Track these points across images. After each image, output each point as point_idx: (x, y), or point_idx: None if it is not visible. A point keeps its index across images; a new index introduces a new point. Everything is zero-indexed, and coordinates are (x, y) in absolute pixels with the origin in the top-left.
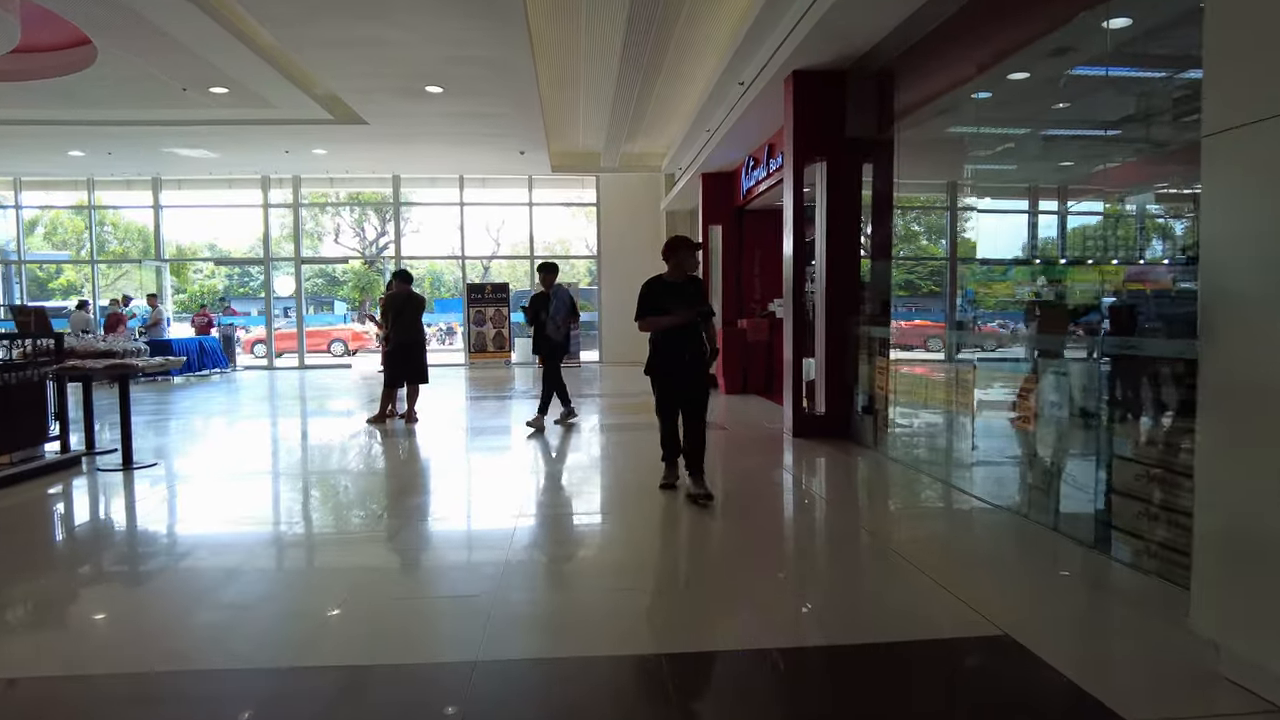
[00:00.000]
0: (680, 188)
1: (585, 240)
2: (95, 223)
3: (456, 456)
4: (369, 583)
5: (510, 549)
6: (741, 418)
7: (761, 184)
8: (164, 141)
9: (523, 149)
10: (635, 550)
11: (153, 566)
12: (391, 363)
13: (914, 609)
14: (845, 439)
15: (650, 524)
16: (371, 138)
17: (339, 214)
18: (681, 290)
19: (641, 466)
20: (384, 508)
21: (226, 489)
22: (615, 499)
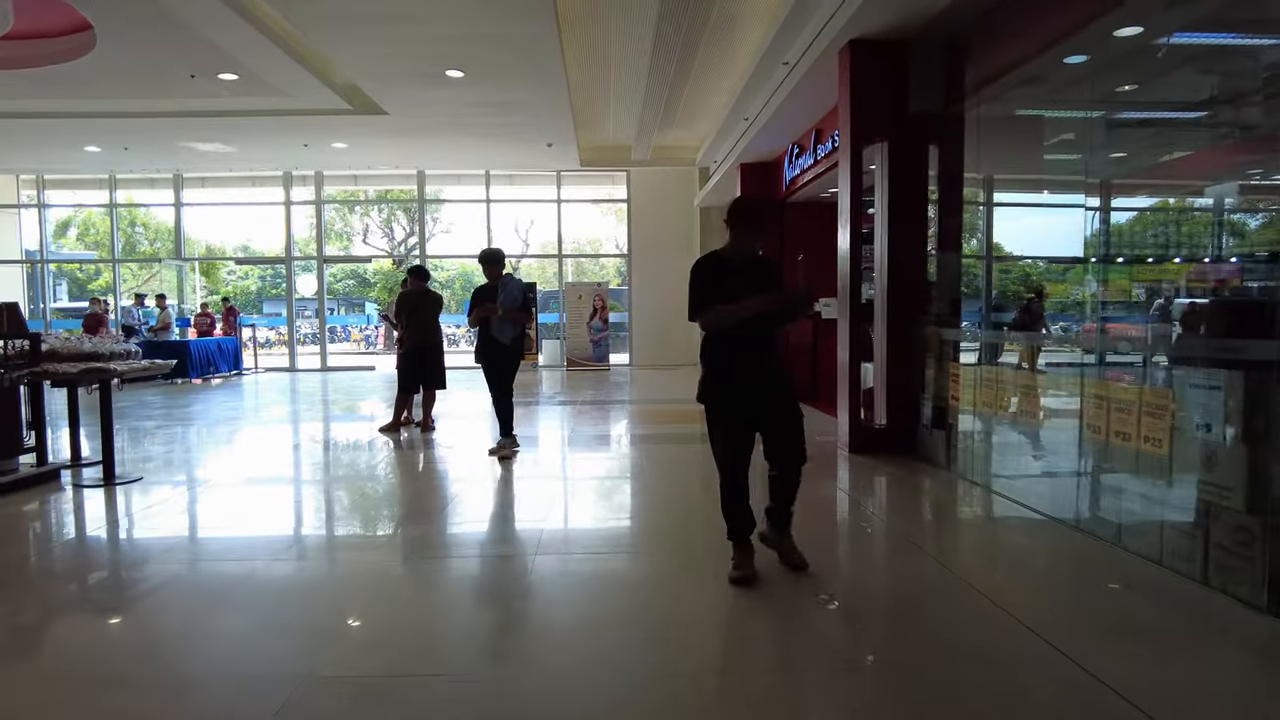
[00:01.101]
0: (716, 181)
1: (615, 240)
2: (118, 221)
3: (471, 474)
4: (349, 660)
5: (528, 575)
6: None
7: (807, 173)
8: (179, 135)
9: (550, 141)
10: (681, 626)
11: (99, 610)
12: (406, 366)
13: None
14: (910, 455)
15: (696, 583)
16: (392, 130)
17: (367, 214)
18: (748, 273)
19: (682, 491)
20: (389, 533)
21: (208, 511)
22: (657, 538)
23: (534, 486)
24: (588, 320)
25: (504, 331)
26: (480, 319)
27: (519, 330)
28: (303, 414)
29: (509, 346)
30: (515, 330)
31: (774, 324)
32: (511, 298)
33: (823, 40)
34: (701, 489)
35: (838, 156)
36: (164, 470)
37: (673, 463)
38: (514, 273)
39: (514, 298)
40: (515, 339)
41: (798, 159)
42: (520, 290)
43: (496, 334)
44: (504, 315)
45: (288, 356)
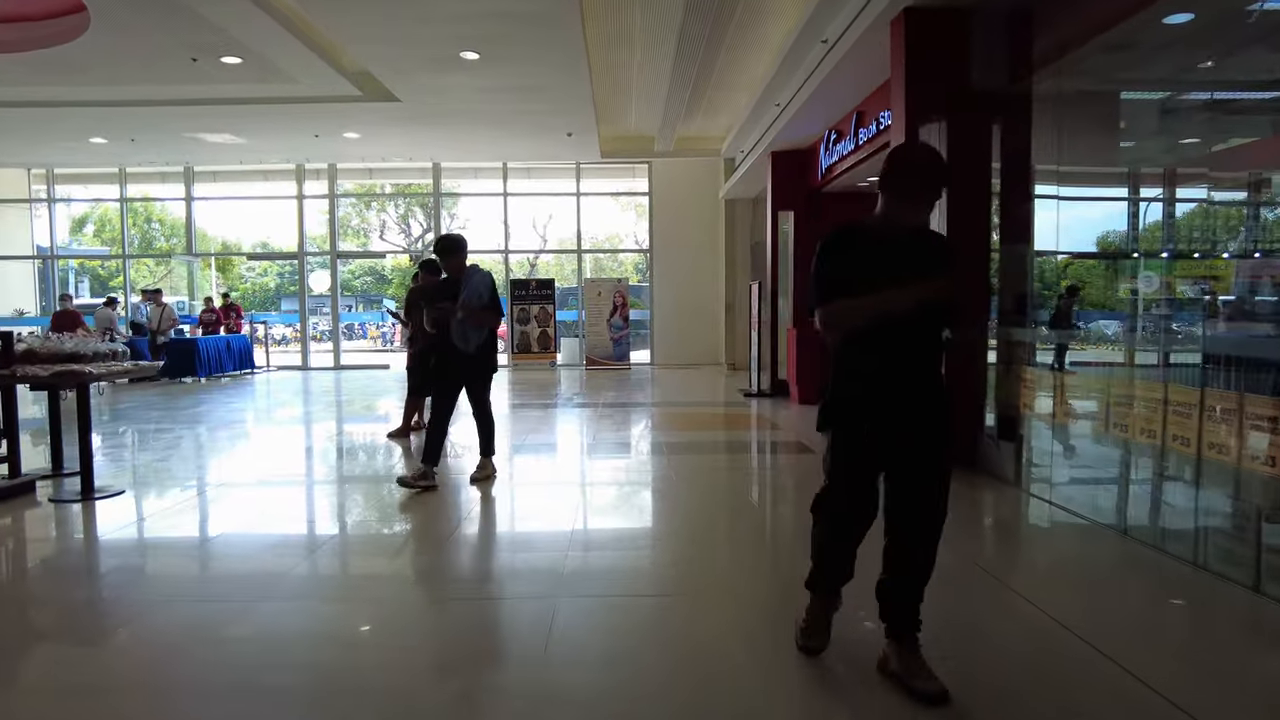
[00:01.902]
0: (743, 172)
1: (634, 235)
2: (135, 217)
3: (485, 489)
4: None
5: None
6: None
7: (846, 160)
8: (186, 125)
9: (570, 131)
10: None
11: (34, 658)
12: (419, 368)
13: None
14: (969, 469)
15: (750, 642)
16: (406, 119)
17: (384, 210)
18: (904, 254)
19: (724, 515)
20: (389, 565)
21: (187, 534)
22: (699, 577)
23: (553, 507)
24: (607, 317)
25: (467, 336)
26: (438, 322)
27: (486, 335)
28: (307, 417)
29: (475, 356)
30: (481, 335)
31: (935, 325)
32: (475, 294)
33: (870, 12)
34: (744, 513)
35: (886, 139)
36: (150, 481)
37: (707, 478)
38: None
39: (478, 294)
40: (483, 346)
41: (835, 145)
42: (487, 285)
43: (458, 340)
44: (467, 316)
45: (300, 355)
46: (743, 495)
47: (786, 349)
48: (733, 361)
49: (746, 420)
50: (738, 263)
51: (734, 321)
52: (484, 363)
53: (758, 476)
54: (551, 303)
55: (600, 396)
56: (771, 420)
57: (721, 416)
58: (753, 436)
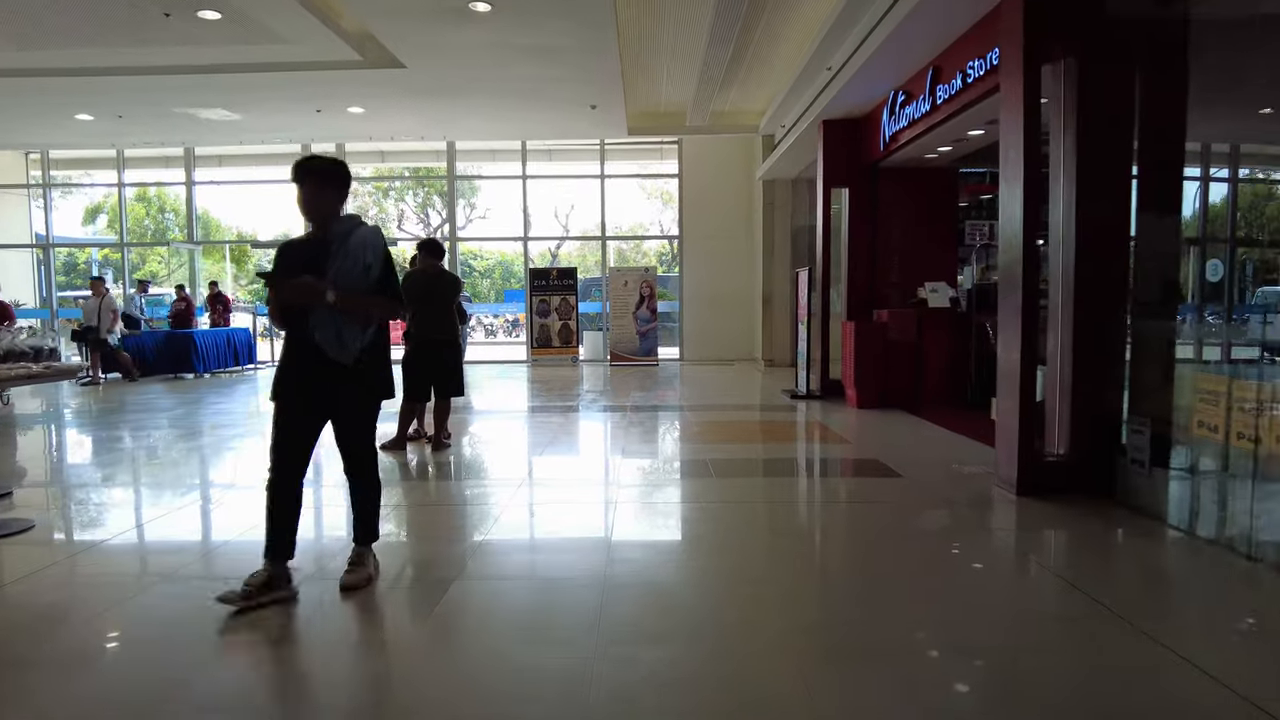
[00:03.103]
0: (785, 148)
1: (659, 224)
2: (142, 205)
3: (495, 523)
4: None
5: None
6: (913, 453)
7: (917, 125)
8: (174, 98)
9: (594, 103)
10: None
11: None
12: (415, 368)
13: None
14: (1107, 500)
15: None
16: (413, 89)
17: (403, 199)
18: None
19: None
20: (365, 660)
21: (92, 591)
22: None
23: (577, 557)
24: (634, 310)
25: (342, 337)
26: (287, 310)
27: (372, 334)
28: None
29: (352, 371)
30: (363, 336)
31: None
32: (355, 264)
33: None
34: (813, 560)
35: (978, 92)
36: (75, 509)
37: (781, 519)
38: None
39: (360, 264)
40: (369, 354)
41: (903, 108)
42: (377, 252)
43: (327, 343)
44: (341, 303)
45: None
46: (844, 557)
47: (841, 345)
48: (770, 358)
49: (803, 430)
50: (776, 249)
51: (772, 314)
52: (367, 382)
53: (849, 518)
54: (574, 294)
55: (628, 398)
56: (832, 430)
57: (771, 425)
58: (816, 453)
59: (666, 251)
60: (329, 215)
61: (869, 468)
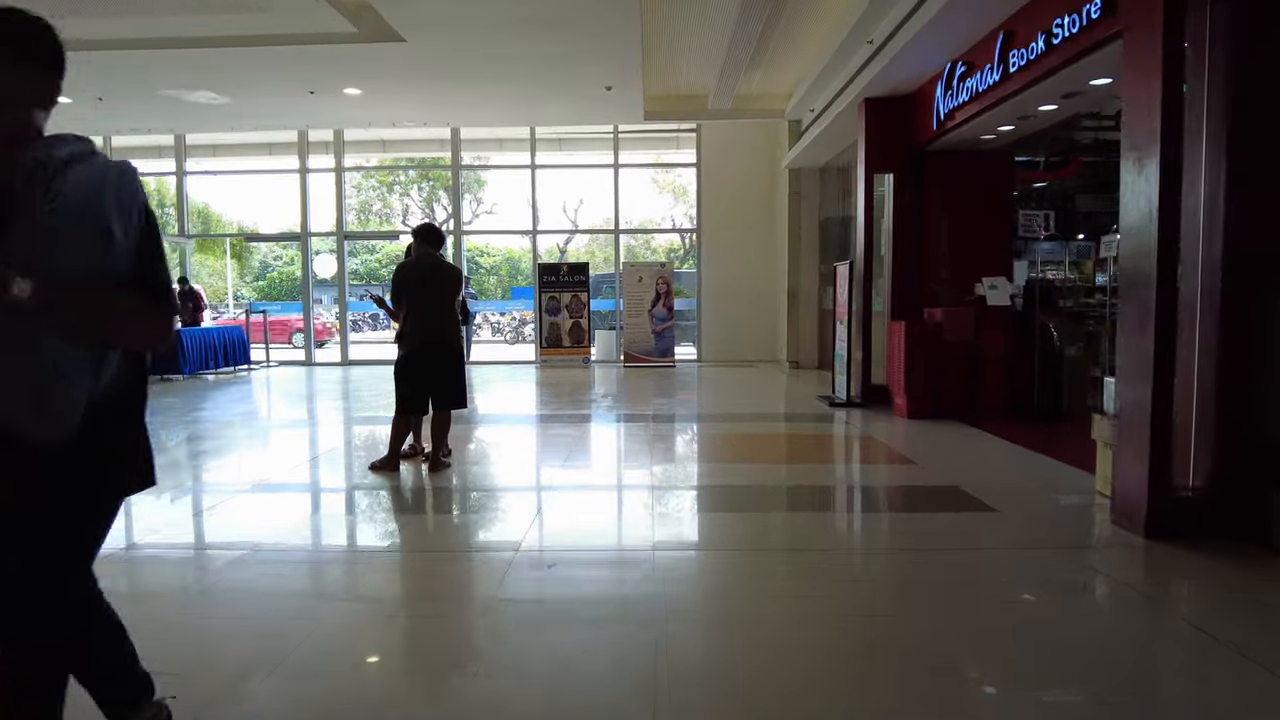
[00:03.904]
0: (818, 132)
1: (671, 219)
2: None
3: (512, 576)
4: None
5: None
6: (996, 478)
7: (981, 99)
8: (155, 78)
9: (609, 83)
10: None
11: None
12: (411, 375)
13: None
14: (1263, 547)
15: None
16: (414, 67)
17: (407, 193)
18: None
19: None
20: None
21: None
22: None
23: (607, 628)
24: (649, 307)
25: (41, 382)
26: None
27: (119, 372)
28: (278, 433)
29: (89, 447)
30: (103, 373)
31: None
32: (77, 232)
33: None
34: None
35: (1063, 55)
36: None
37: (827, 573)
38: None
39: (82, 232)
40: (118, 408)
41: (963, 81)
42: (124, 204)
43: None
44: (43, 300)
45: (304, 349)
46: (958, 641)
47: (887, 347)
48: (795, 359)
49: (854, 446)
50: (803, 242)
51: (798, 311)
52: (104, 469)
53: (949, 575)
54: (585, 290)
55: (647, 404)
56: (889, 446)
57: (814, 439)
58: (879, 477)
59: (677, 248)
60: (18, 130)
61: (951, 499)
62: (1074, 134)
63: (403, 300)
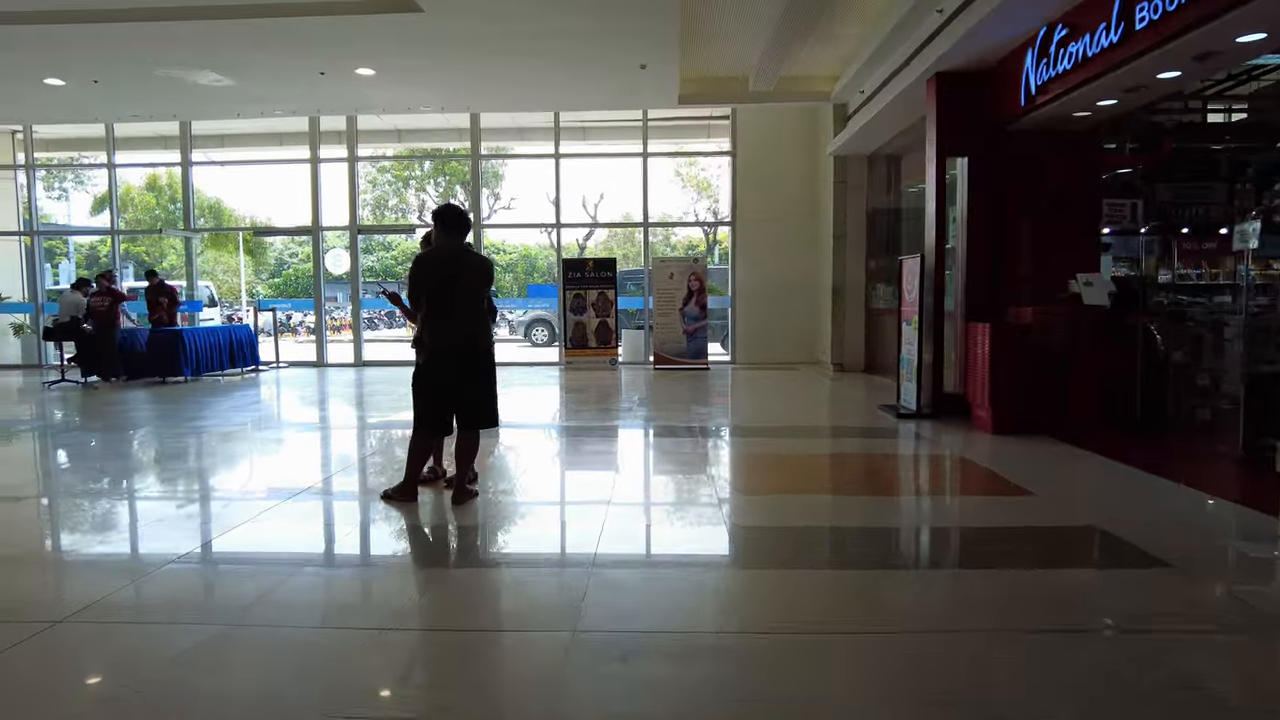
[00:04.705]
0: (873, 115)
1: (695, 214)
2: (154, 194)
3: (546, 642)
4: None
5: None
6: (1137, 514)
7: (1087, 67)
8: (152, 55)
9: (645, 61)
10: None
11: None
12: (429, 388)
13: None
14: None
15: None
16: (431, 43)
17: (424, 188)
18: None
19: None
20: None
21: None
22: None
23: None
24: (680, 306)
25: None
26: None
27: None
28: (278, 450)
29: None
30: None
31: None
32: None
33: None
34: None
35: (1215, 4)
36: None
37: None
38: None
39: None
40: None
41: (1063, 47)
42: None
43: None
44: None
45: (316, 349)
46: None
47: (964, 351)
48: (840, 361)
49: (943, 470)
50: (849, 235)
51: (843, 309)
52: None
53: (1152, 666)
54: (612, 287)
55: (684, 413)
56: (991, 471)
57: (892, 460)
58: (990, 513)
59: (696, 243)
60: None
61: (1097, 546)
62: (1155, 117)
63: (422, 297)
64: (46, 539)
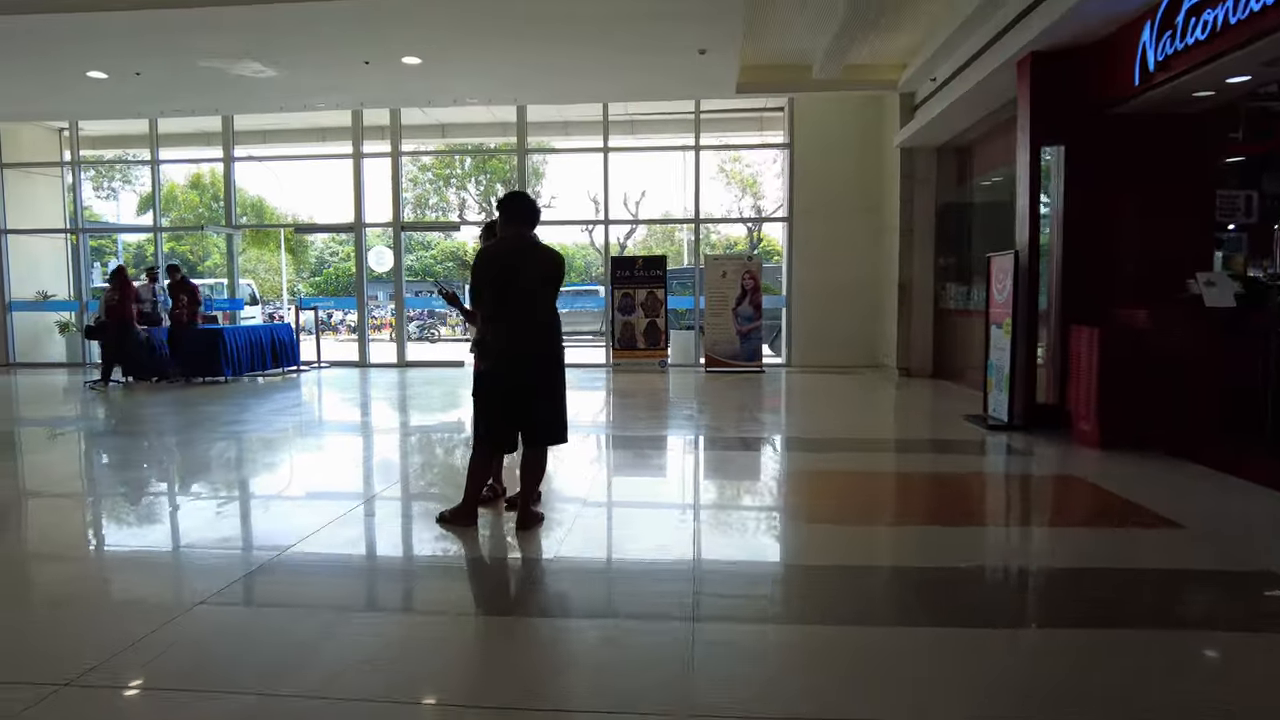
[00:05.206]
0: (951, 103)
1: (738, 209)
2: (196, 192)
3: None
4: None
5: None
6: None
7: (1231, 36)
8: (194, 43)
9: (704, 45)
10: None
11: None
12: (493, 399)
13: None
14: None
15: None
16: (481, 29)
17: (464, 186)
18: None
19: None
20: None
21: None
22: None
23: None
24: (733, 305)
25: None
26: None
27: None
28: (319, 459)
29: None
30: None
31: None
32: None
33: None
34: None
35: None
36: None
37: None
38: None
39: None
40: None
41: (1196, 15)
42: None
43: None
44: None
45: (358, 348)
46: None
47: (1068, 357)
48: (906, 365)
49: (1064, 496)
50: (917, 231)
51: (910, 310)
52: None
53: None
54: (662, 286)
55: (747, 422)
56: (1120, 497)
57: (996, 481)
58: (1136, 552)
59: (737, 243)
60: None
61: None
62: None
63: (486, 296)
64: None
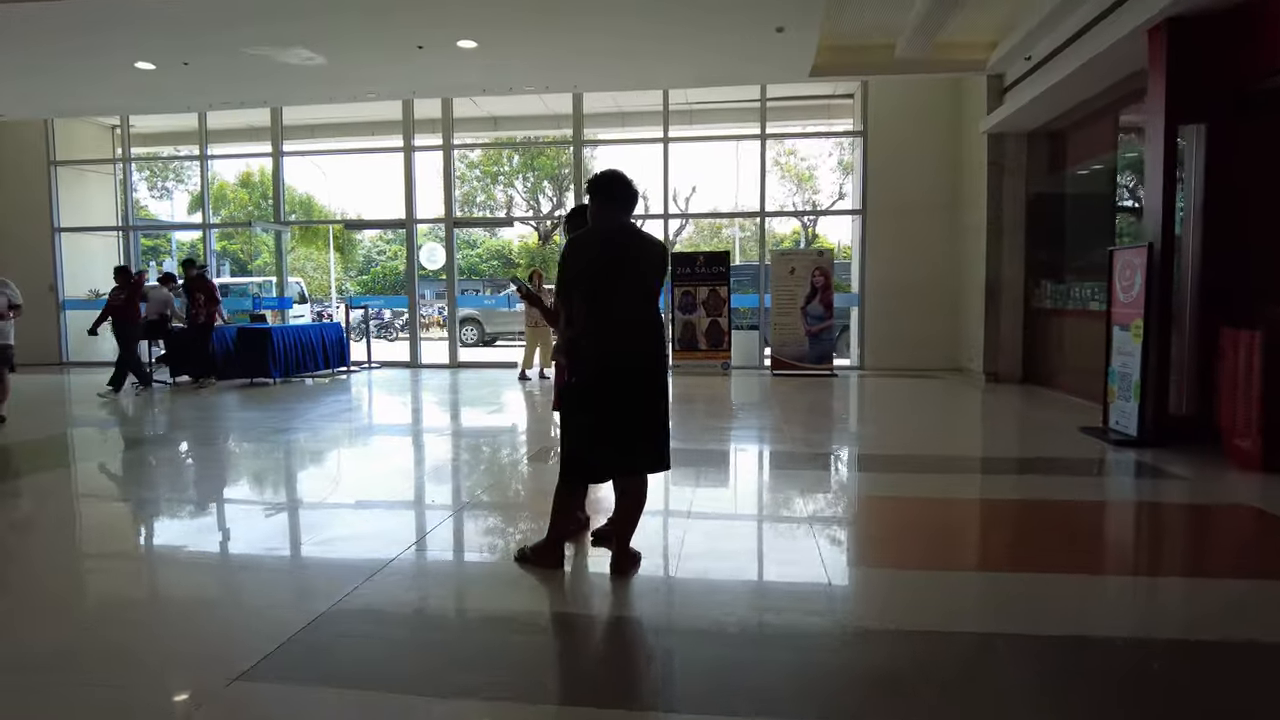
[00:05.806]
0: (1053, 83)
1: (792, 204)
2: (247, 190)
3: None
4: None
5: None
6: None
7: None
8: (242, 30)
9: (782, 23)
10: None
11: None
12: (589, 419)
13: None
14: None
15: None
16: (540, 4)
17: (511, 184)
18: None
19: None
20: None
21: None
22: None
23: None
24: (802, 304)
25: None
26: None
27: None
28: (370, 479)
29: None
30: None
31: None
32: None
33: None
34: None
35: None
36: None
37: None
38: None
39: None
40: None
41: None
42: None
43: None
44: None
45: (410, 349)
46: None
47: (1217, 363)
48: (994, 369)
49: (1239, 530)
50: (1006, 225)
51: (998, 310)
52: None
53: None
54: (725, 284)
55: (830, 435)
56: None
57: (1137, 512)
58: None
59: (781, 237)
60: None
61: None
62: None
63: (575, 295)
64: None
